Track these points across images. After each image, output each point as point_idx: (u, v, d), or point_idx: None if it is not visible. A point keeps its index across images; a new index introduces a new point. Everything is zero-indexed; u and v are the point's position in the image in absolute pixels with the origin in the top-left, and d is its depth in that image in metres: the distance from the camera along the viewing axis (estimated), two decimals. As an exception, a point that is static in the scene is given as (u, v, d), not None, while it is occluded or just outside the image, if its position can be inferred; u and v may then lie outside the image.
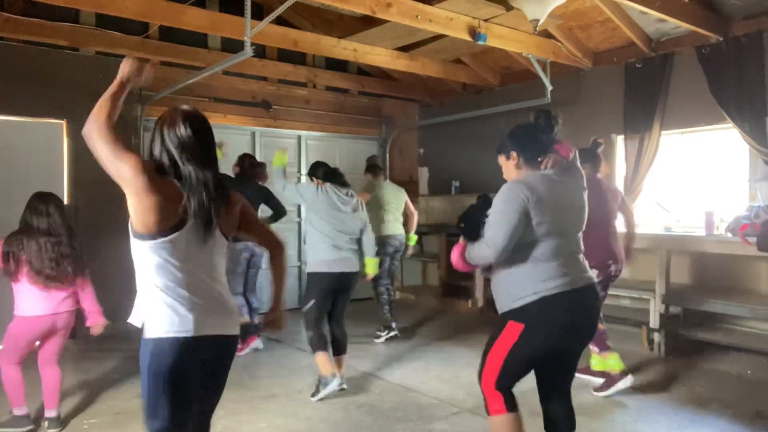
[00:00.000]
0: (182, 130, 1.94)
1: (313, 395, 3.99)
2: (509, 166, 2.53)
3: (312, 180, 4.23)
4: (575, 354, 2.55)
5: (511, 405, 2.42)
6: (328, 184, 4.14)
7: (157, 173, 1.91)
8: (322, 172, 4.20)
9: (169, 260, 1.90)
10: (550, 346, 2.40)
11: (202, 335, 1.94)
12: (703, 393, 4.07)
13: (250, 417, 3.72)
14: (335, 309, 4.18)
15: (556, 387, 2.57)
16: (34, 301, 3.32)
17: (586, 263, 2.52)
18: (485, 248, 2.41)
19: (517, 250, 2.39)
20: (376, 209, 5.70)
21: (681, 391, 4.13)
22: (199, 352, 1.95)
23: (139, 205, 1.86)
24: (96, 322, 3.51)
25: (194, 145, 1.95)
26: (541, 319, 2.36)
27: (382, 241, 5.59)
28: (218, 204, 1.98)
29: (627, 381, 4.03)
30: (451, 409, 3.85)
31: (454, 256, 2.55)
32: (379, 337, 5.63)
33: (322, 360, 3.98)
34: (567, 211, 2.44)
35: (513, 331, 2.38)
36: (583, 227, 2.52)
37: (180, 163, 1.93)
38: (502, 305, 2.46)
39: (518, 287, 2.39)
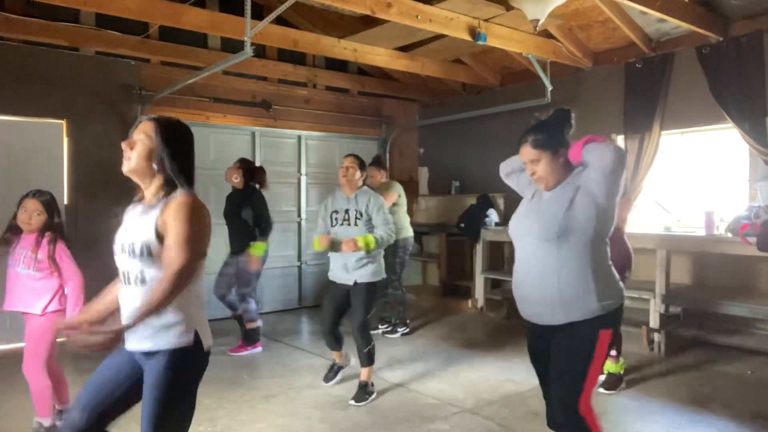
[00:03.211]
0: (190, 142, 2.00)
1: (356, 400, 3.95)
2: (556, 164, 2.19)
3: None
4: None
5: None
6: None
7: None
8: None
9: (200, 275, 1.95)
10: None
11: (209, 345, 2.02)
12: (703, 393, 4.07)
13: (250, 417, 3.72)
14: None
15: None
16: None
17: None
18: (609, 149, 2.09)
19: (600, 245, 2.12)
20: None
21: (681, 391, 4.12)
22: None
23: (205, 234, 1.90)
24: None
25: (191, 156, 2.00)
26: (619, 323, 2.18)
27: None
28: None
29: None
30: (451, 409, 3.85)
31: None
32: (396, 332, 5.82)
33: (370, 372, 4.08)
34: None
35: (604, 341, 2.09)
36: None
37: (191, 175, 1.97)
38: (586, 309, 2.09)
39: (609, 288, 2.11)
